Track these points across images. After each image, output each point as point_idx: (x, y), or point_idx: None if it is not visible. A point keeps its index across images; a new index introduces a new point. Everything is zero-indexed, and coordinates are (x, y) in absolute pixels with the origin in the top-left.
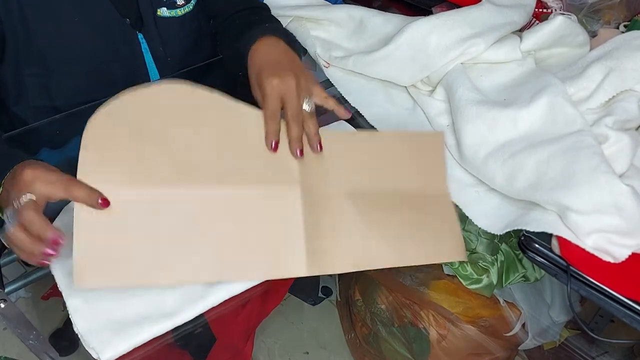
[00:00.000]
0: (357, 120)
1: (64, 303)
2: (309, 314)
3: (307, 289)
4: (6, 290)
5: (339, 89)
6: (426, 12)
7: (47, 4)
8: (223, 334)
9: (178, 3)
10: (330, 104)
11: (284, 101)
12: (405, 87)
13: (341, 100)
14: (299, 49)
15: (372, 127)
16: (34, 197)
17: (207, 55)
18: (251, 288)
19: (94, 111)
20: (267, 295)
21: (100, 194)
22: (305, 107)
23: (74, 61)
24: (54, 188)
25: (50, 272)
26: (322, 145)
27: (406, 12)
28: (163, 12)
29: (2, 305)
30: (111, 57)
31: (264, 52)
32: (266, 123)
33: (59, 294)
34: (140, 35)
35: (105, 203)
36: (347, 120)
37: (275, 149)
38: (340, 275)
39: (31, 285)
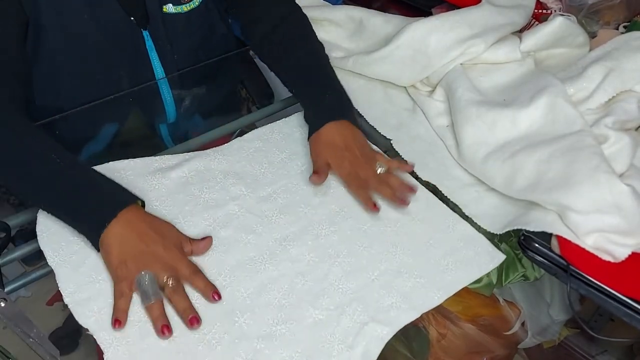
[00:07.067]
0: (357, 121)
1: (64, 303)
2: None
3: None
4: (6, 289)
5: None
6: (426, 13)
7: (60, 1)
8: None
9: None
10: (394, 165)
11: (358, 177)
12: (405, 87)
13: None
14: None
15: (372, 127)
16: (177, 282)
17: (217, 54)
18: None
19: (96, 111)
20: None
21: (215, 288)
22: (379, 169)
23: (82, 60)
24: (185, 271)
25: (50, 272)
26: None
27: (406, 13)
28: (169, 8)
29: (2, 305)
30: (117, 56)
31: (329, 136)
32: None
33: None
34: (145, 33)
35: (218, 296)
36: None
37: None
38: None
39: (31, 285)
